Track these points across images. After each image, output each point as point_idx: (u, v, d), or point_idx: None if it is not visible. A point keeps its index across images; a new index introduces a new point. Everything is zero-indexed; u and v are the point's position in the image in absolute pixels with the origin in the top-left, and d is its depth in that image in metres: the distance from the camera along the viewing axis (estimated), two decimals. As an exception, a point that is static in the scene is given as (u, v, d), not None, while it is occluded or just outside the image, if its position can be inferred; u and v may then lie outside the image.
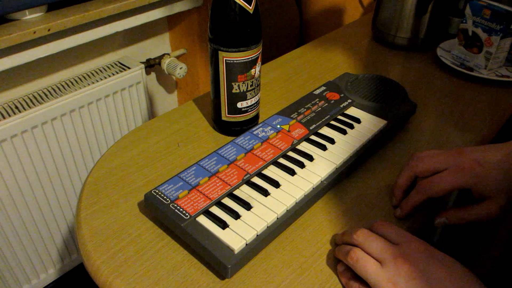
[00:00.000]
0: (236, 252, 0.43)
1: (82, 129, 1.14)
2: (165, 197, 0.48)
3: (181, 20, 1.36)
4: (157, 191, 0.49)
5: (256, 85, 0.61)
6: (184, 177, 0.51)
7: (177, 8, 1.24)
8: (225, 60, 0.57)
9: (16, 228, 1.10)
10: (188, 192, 0.49)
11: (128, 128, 1.25)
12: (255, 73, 0.59)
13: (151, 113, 1.30)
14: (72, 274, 1.31)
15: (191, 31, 1.37)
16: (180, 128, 0.67)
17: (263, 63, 0.86)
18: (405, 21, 0.88)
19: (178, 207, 0.47)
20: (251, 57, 0.57)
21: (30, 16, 0.97)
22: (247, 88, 0.60)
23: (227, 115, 0.62)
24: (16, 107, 1.03)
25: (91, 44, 1.17)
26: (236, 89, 0.59)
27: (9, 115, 1.00)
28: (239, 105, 0.61)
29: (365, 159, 0.59)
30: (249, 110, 0.62)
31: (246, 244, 0.44)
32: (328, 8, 1.50)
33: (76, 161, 1.16)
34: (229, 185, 0.50)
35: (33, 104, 1.04)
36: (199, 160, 0.53)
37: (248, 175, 0.51)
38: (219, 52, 0.57)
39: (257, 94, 0.62)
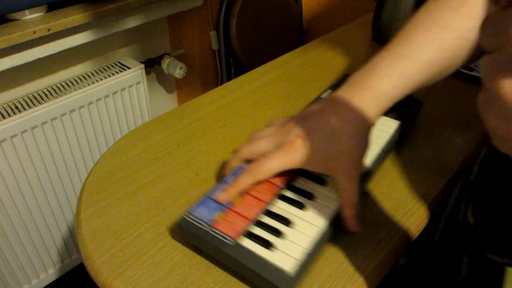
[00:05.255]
0: (289, 272, 0.41)
1: (82, 129, 1.14)
2: (201, 222, 0.45)
3: (181, 20, 1.36)
4: (190, 216, 0.45)
5: None
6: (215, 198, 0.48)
7: (177, 8, 1.24)
8: None
9: (16, 228, 1.10)
10: (224, 214, 0.46)
11: (128, 128, 1.25)
12: None
13: (151, 113, 1.30)
14: (72, 274, 1.31)
15: (191, 31, 1.37)
16: (180, 128, 0.67)
17: (263, 63, 0.86)
18: (405, 21, 0.88)
19: (218, 232, 0.44)
20: None
21: (30, 16, 0.97)
22: None
23: None
24: (16, 107, 1.03)
25: (91, 44, 1.17)
26: None
27: (9, 115, 1.00)
28: None
29: (383, 161, 0.59)
30: None
31: (298, 263, 0.42)
32: (328, 8, 1.50)
33: (76, 161, 1.16)
34: (263, 201, 0.47)
35: (33, 104, 1.04)
36: (224, 177, 0.50)
37: (279, 189, 0.49)
38: None
39: None
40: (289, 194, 0.49)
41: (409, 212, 0.52)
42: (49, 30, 0.95)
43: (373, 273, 0.45)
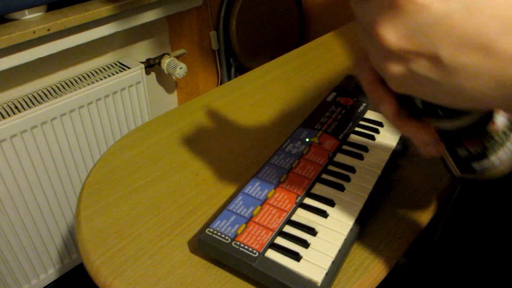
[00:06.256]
0: (317, 282, 0.40)
1: (82, 129, 1.14)
2: (223, 236, 0.44)
3: (181, 20, 1.36)
4: (211, 230, 0.44)
5: None
6: (234, 210, 0.47)
7: (177, 8, 1.24)
8: None
9: (16, 228, 1.10)
10: (246, 226, 0.45)
11: (128, 128, 1.25)
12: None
13: (151, 113, 1.30)
14: (72, 274, 1.30)
15: (191, 31, 1.37)
16: (180, 128, 0.67)
17: (263, 63, 0.86)
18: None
19: (241, 245, 0.43)
20: None
21: (30, 16, 0.97)
22: None
23: None
24: (16, 107, 1.03)
25: (91, 44, 1.17)
26: None
27: (9, 115, 1.00)
28: None
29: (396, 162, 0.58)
30: None
31: (325, 272, 0.41)
32: (329, 8, 1.50)
33: (76, 161, 1.16)
34: (284, 211, 0.47)
35: (33, 104, 1.04)
36: (243, 188, 0.50)
37: (299, 197, 0.49)
38: None
39: None
40: (310, 202, 0.49)
41: (408, 212, 0.52)
42: (49, 30, 0.95)
43: (373, 273, 0.45)
